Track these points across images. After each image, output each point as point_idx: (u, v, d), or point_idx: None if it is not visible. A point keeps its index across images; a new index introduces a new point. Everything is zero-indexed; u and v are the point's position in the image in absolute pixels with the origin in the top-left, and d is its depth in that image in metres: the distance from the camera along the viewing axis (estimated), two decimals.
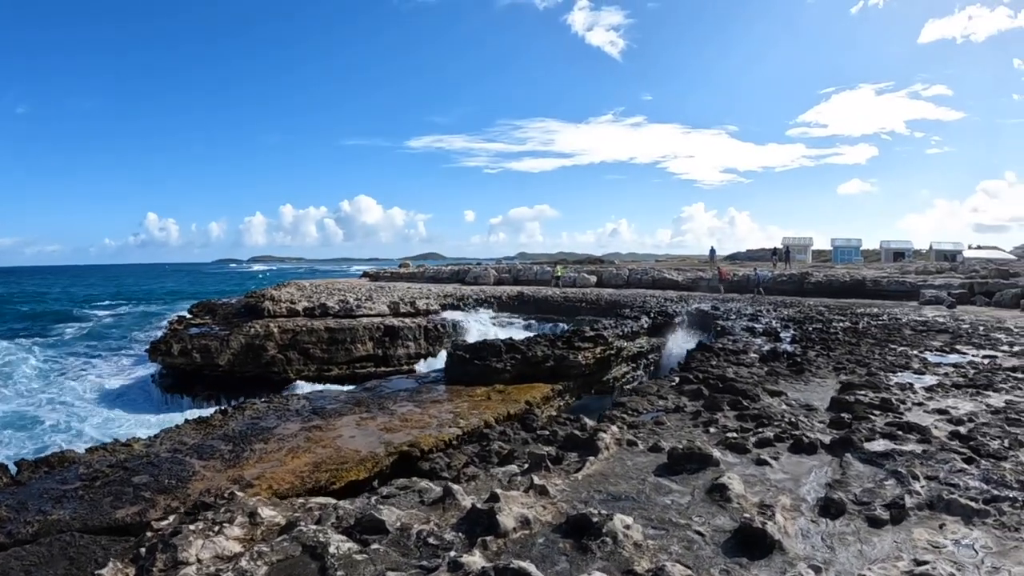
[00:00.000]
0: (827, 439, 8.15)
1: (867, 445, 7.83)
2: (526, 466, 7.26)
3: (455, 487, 6.05)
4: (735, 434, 8.56)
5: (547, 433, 9.21)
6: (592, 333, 20.81)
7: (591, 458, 7.24)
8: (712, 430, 9.11)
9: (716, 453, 7.30)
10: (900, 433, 8.38)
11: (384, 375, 30.79)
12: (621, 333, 22.67)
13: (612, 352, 20.71)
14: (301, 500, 6.68)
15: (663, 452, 7.59)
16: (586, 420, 10.42)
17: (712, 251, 68.65)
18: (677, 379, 13.61)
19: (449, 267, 71.15)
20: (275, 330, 32.07)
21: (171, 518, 6.34)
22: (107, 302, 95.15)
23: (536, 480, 6.19)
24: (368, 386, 17.78)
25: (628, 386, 21.90)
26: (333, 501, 6.50)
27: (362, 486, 10.84)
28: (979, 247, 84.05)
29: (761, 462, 7.36)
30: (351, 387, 18.17)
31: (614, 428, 8.54)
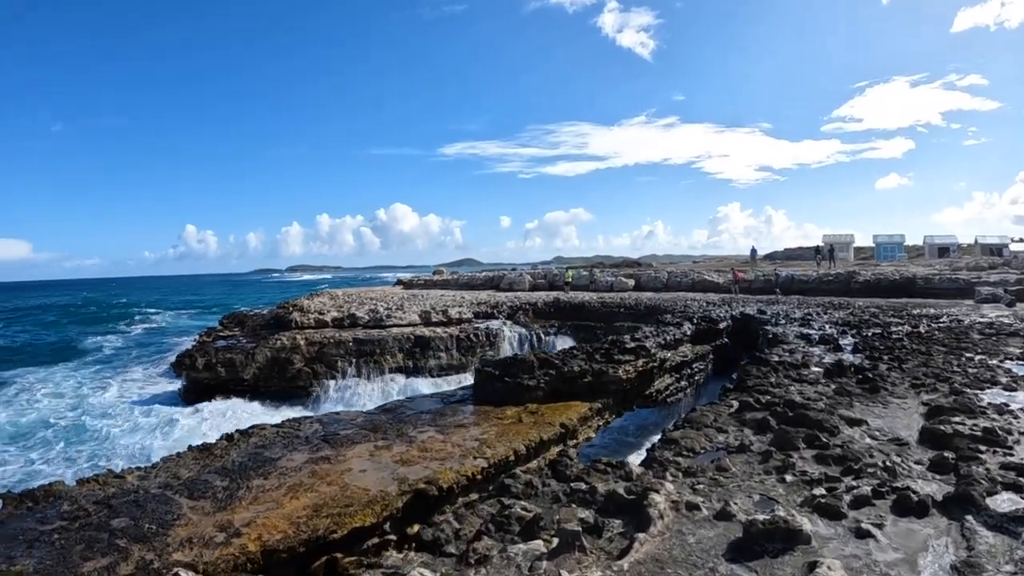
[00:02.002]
0: (937, 493, 6.62)
1: (989, 501, 6.24)
2: (554, 543, 5.66)
3: None
4: (822, 489, 6.94)
5: (584, 488, 7.54)
6: (633, 344, 19.06)
7: (641, 535, 5.63)
8: (789, 478, 7.53)
9: (806, 525, 5.64)
10: None
11: (414, 389, 29.81)
12: (663, 342, 20.86)
13: (655, 364, 18.94)
14: None
15: (734, 521, 6.00)
16: (632, 467, 8.76)
17: (753, 251, 66.73)
18: (735, 403, 12.02)
19: (484, 273, 69.76)
20: (302, 342, 31.09)
21: None
22: (146, 313, 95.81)
23: (567, 575, 4.55)
24: (388, 407, 16.32)
25: (671, 399, 20.27)
26: None
27: (368, 534, 9.59)
28: (1022, 240, 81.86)
29: (862, 533, 5.83)
30: (371, 409, 16.59)
31: (669, 486, 6.99)
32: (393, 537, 10.27)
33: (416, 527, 10.78)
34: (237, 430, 13.95)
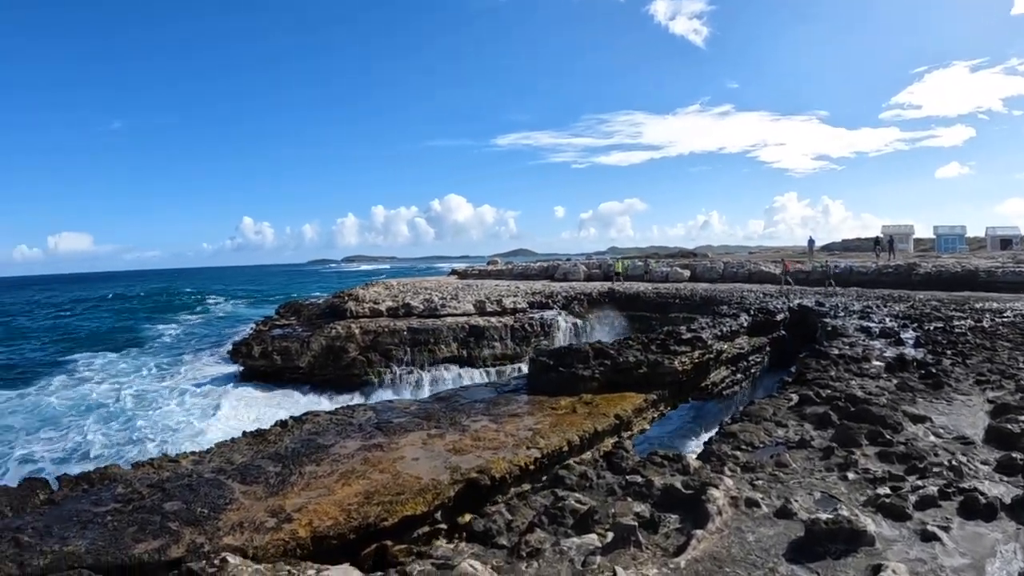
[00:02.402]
0: (1005, 496, 6.29)
1: None
2: (609, 537, 5.50)
3: None
4: (886, 488, 6.66)
5: (640, 481, 7.33)
6: (689, 335, 18.73)
7: (698, 531, 5.44)
8: (851, 476, 7.25)
9: (870, 525, 5.42)
10: None
11: (469, 378, 29.83)
12: (719, 333, 20.46)
13: (711, 356, 18.59)
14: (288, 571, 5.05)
15: (795, 519, 5.77)
16: (689, 460, 8.51)
17: (811, 241, 65.50)
18: (795, 397, 11.68)
19: (538, 263, 69.60)
20: (356, 331, 31.22)
21: None
22: (205, 302, 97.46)
23: (621, 571, 4.41)
24: (442, 395, 16.25)
25: (727, 391, 19.96)
26: None
27: (419, 522, 9.57)
28: None
29: (928, 536, 5.56)
30: (426, 398, 16.54)
31: (728, 482, 6.74)
32: (444, 526, 10.18)
33: (467, 517, 10.71)
34: (291, 417, 13.98)
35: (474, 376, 30.29)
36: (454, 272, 72.23)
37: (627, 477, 7.72)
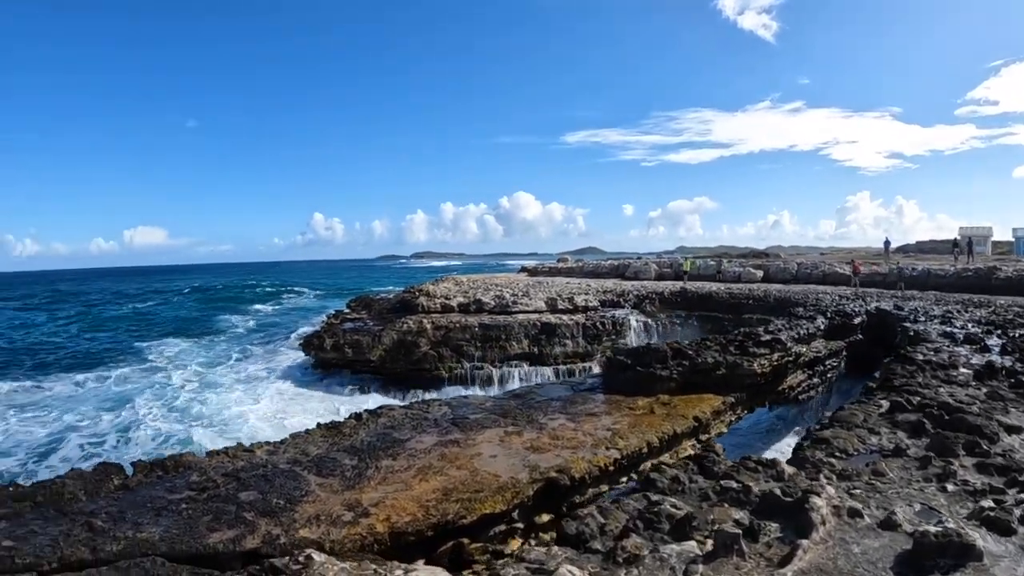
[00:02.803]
0: None
1: None
2: (709, 545, 5.30)
3: None
4: (990, 501, 6.35)
5: (736, 487, 7.06)
6: (768, 337, 18.31)
7: (803, 541, 5.20)
8: (950, 487, 6.91)
9: (978, 540, 5.16)
10: None
11: (540, 376, 29.73)
12: (797, 336, 20.02)
13: (789, 359, 18.14)
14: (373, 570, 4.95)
15: (900, 531, 5.50)
16: (784, 466, 8.19)
17: (887, 243, 63.85)
18: (885, 403, 11.24)
19: (608, 261, 69.11)
20: (428, 326, 31.26)
21: None
22: (278, 294, 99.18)
23: None
24: (518, 392, 16.06)
25: (802, 396, 19.50)
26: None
27: (496, 520, 9.35)
28: None
29: None
30: (501, 394, 16.46)
31: (829, 489, 6.43)
32: (520, 525, 9.98)
33: (544, 517, 10.58)
34: (365, 410, 13.93)
35: (545, 374, 30.07)
36: (524, 269, 72.18)
37: (721, 482, 7.43)
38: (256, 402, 28.44)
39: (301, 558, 4.84)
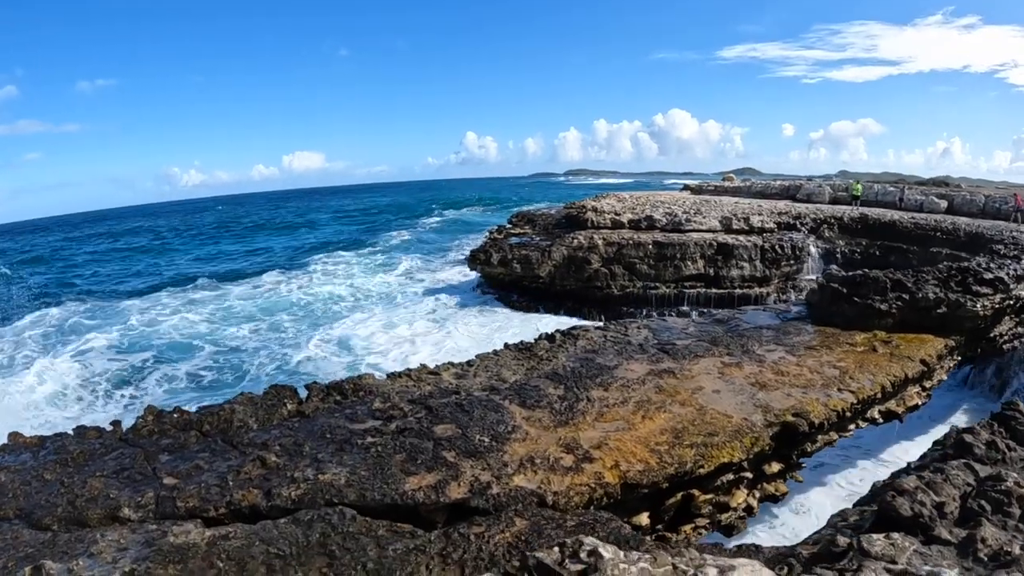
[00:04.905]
0: None
1: None
2: None
3: None
4: None
5: None
6: (991, 275, 15.85)
7: None
8: None
9: None
10: None
11: (716, 299, 28.19)
12: (1016, 275, 17.30)
13: (1010, 302, 15.66)
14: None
15: None
16: None
17: None
18: None
19: (779, 182, 65.80)
20: (599, 242, 29.89)
21: None
22: (439, 209, 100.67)
23: None
24: (719, 317, 14.40)
25: (1007, 345, 16.99)
26: None
27: (728, 469, 7.94)
28: None
29: None
30: (700, 318, 14.90)
31: None
32: (749, 475, 8.59)
33: (775, 466, 9.15)
34: (558, 331, 12.66)
35: (722, 298, 28.53)
36: (687, 187, 69.73)
37: None
38: (424, 317, 28.15)
39: (583, 554, 3.36)
